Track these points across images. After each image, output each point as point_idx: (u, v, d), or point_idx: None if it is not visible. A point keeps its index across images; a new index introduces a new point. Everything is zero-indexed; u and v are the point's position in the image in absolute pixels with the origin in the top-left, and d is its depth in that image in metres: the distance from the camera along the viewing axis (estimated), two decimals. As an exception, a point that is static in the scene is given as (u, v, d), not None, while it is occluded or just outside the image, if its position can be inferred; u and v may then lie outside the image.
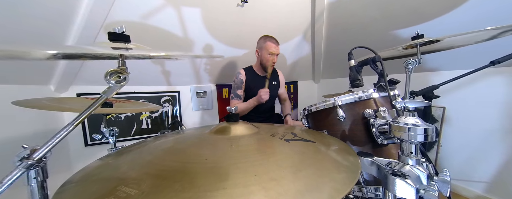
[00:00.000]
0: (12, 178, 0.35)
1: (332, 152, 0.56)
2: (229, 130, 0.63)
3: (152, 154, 0.55)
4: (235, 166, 0.43)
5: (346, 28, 1.96)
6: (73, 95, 1.67)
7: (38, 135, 1.38)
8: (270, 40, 1.60)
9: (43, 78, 1.48)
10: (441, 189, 0.46)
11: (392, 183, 0.48)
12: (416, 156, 0.50)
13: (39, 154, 0.38)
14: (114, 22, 1.39)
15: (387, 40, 1.73)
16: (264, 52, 1.60)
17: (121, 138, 1.89)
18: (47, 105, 0.83)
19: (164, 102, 2.08)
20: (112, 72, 0.43)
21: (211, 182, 0.38)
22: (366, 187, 0.75)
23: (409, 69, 0.97)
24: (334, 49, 2.25)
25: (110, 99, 0.75)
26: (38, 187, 0.40)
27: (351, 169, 0.46)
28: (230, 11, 1.71)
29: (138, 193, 0.36)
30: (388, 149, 0.78)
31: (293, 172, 0.42)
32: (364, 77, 0.85)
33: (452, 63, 1.51)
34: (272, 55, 1.59)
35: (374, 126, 0.74)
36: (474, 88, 1.44)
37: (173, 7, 1.52)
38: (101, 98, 0.43)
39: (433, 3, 1.34)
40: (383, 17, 1.63)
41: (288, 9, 1.91)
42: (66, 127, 0.40)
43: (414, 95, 1.07)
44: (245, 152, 0.51)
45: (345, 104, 0.82)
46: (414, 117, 0.50)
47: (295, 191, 0.36)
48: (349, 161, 0.50)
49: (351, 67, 0.86)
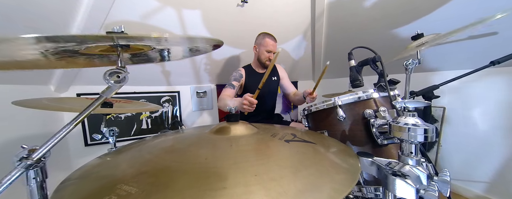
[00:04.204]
0: (11, 178, 0.35)
1: (332, 154, 0.56)
2: (229, 130, 0.63)
3: (152, 153, 0.55)
4: (235, 166, 0.43)
5: (346, 28, 1.96)
6: (73, 96, 1.67)
7: (37, 135, 1.38)
8: (268, 37, 1.61)
9: (43, 78, 1.47)
10: (441, 189, 0.46)
11: (392, 183, 0.48)
12: (416, 156, 0.50)
13: (38, 154, 0.38)
14: (114, 22, 1.39)
15: (387, 40, 1.73)
16: (262, 48, 1.61)
17: (121, 138, 1.88)
18: (47, 105, 0.83)
19: (164, 102, 2.08)
20: (111, 72, 0.43)
21: (212, 181, 0.38)
22: (366, 187, 0.75)
23: (409, 69, 0.97)
24: (334, 49, 2.24)
25: (110, 99, 0.75)
26: (38, 187, 0.39)
27: (351, 171, 0.45)
28: (230, 11, 1.71)
29: (138, 192, 0.36)
30: (388, 149, 0.78)
31: (293, 172, 0.42)
32: (364, 77, 0.85)
33: (452, 63, 1.51)
34: (269, 53, 1.60)
35: (374, 126, 0.74)
36: (474, 88, 1.44)
37: (173, 7, 1.52)
38: (100, 98, 0.43)
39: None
40: (383, 17, 1.63)
41: (288, 9, 1.90)
42: (65, 126, 0.40)
43: (414, 96, 1.07)
44: (245, 152, 0.51)
45: (345, 104, 0.82)
46: (414, 117, 0.50)
47: (296, 191, 0.36)
48: (349, 163, 0.50)
49: (351, 67, 0.86)
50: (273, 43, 1.60)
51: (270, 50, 1.58)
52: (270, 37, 1.61)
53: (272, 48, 1.58)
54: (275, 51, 1.60)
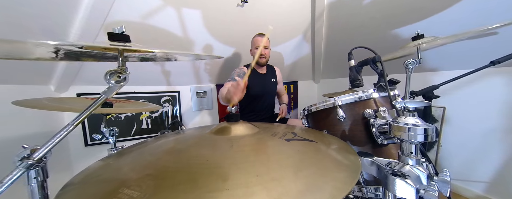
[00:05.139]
0: (12, 177, 0.35)
1: (333, 151, 0.56)
2: (229, 130, 0.63)
3: (153, 155, 0.55)
4: (237, 167, 0.43)
5: (346, 28, 1.96)
6: (73, 96, 1.67)
7: (38, 135, 1.38)
8: (256, 36, 1.67)
9: (43, 78, 1.47)
10: (441, 189, 0.46)
11: (392, 183, 0.48)
12: (416, 156, 0.50)
13: (39, 154, 0.38)
14: (114, 22, 1.39)
15: (387, 40, 1.73)
16: (253, 48, 1.69)
17: (121, 138, 1.89)
18: (47, 105, 0.83)
19: (164, 102, 2.08)
20: (112, 72, 0.43)
21: (213, 183, 0.38)
22: (366, 187, 0.75)
23: (409, 69, 0.97)
24: (334, 49, 2.24)
25: (110, 99, 0.75)
26: (38, 187, 0.40)
27: (352, 168, 0.45)
28: (230, 11, 1.71)
29: (140, 196, 0.35)
30: (388, 149, 0.78)
31: (295, 171, 0.42)
32: (364, 77, 0.85)
33: (452, 63, 1.51)
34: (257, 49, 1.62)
35: (374, 126, 0.74)
36: (474, 88, 1.44)
37: (173, 7, 1.52)
38: (101, 98, 0.43)
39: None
40: (383, 17, 1.63)
41: (288, 9, 1.91)
42: (66, 127, 0.40)
43: (414, 95, 1.07)
44: (246, 152, 0.51)
45: (345, 104, 0.82)
46: (414, 117, 0.50)
47: (297, 191, 0.36)
48: (350, 159, 0.50)
49: (351, 67, 0.86)
50: (259, 38, 1.64)
51: (258, 45, 1.62)
52: (257, 35, 1.67)
53: (259, 43, 1.63)
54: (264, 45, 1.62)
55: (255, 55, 1.64)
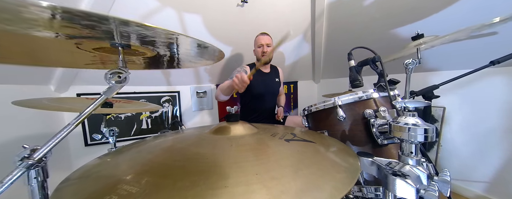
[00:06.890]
0: (12, 177, 0.35)
1: (332, 153, 0.56)
2: (229, 129, 0.63)
3: (152, 152, 0.55)
4: (236, 165, 0.43)
5: (346, 28, 1.96)
6: (73, 96, 1.67)
7: (38, 135, 1.38)
8: (258, 35, 1.67)
9: (43, 78, 1.47)
10: (441, 189, 0.46)
11: (392, 183, 0.48)
12: (416, 156, 0.50)
13: (39, 154, 0.38)
14: (114, 22, 1.39)
15: (387, 40, 1.73)
16: (255, 47, 1.69)
17: (121, 138, 1.89)
18: (47, 105, 0.83)
19: (164, 102, 2.08)
20: (112, 72, 0.43)
21: (213, 180, 0.38)
22: (366, 187, 0.75)
23: (409, 69, 0.97)
24: (334, 49, 2.25)
25: (110, 99, 0.75)
26: (39, 187, 0.40)
27: (350, 170, 0.46)
28: (230, 11, 1.71)
29: (139, 191, 0.36)
30: (388, 149, 0.78)
31: (294, 171, 0.42)
32: (364, 77, 0.85)
33: (452, 63, 1.51)
34: (260, 47, 1.64)
35: (374, 126, 0.74)
36: (474, 88, 1.44)
37: (173, 7, 1.52)
38: (101, 98, 0.43)
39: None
40: (383, 17, 1.63)
41: (288, 9, 1.91)
42: (66, 127, 0.40)
43: (414, 95, 1.07)
44: (246, 151, 0.51)
45: (345, 104, 0.82)
46: (414, 117, 0.50)
47: (297, 189, 0.36)
48: (349, 162, 0.50)
49: (351, 67, 0.86)
50: (262, 37, 1.64)
51: (261, 44, 1.62)
52: (260, 34, 1.67)
53: (262, 42, 1.62)
54: (265, 44, 1.63)
55: (258, 54, 1.65)
